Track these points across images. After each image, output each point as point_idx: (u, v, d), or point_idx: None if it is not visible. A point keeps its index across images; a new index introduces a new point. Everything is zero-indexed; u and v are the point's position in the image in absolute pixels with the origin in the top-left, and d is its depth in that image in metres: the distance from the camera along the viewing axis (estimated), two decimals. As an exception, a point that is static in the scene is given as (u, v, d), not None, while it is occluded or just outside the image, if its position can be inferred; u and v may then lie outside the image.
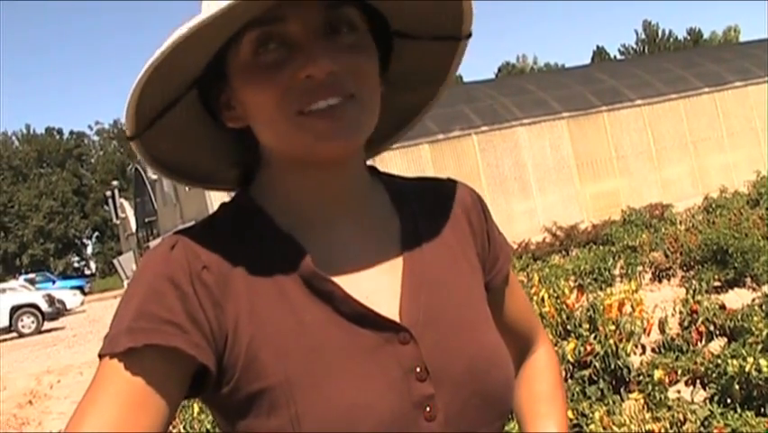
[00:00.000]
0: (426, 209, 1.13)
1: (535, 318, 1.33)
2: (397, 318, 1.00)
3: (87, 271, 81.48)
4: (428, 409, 0.97)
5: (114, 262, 48.36)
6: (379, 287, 1.02)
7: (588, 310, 5.56)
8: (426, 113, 1.21)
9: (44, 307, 25.82)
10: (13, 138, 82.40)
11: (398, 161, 19.16)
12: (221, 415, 1.00)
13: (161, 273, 0.95)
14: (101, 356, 0.94)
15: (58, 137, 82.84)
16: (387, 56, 1.09)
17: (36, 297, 27.00)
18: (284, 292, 0.98)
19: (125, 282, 40.82)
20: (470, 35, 1.09)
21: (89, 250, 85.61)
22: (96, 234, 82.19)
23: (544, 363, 1.28)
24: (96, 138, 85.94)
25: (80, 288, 43.08)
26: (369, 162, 1.15)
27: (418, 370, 0.97)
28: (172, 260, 0.96)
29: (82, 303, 34.49)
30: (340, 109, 0.97)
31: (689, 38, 75.04)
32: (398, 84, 1.13)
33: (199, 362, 0.94)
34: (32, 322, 25.47)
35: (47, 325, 25.93)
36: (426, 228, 1.10)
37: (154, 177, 33.98)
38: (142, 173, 39.11)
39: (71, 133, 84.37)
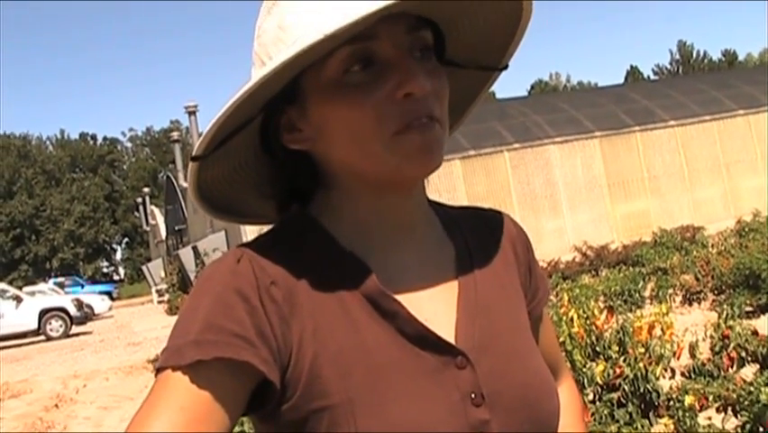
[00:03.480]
0: (476, 237, 1.13)
1: (561, 354, 1.35)
2: (453, 343, 1.00)
3: (116, 277, 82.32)
4: None
5: (143, 268, 48.76)
6: (436, 311, 1.02)
7: (617, 332, 5.49)
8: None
9: (73, 311, 26.04)
10: (48, 143, 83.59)
11: (430, 176, 19.13)
12: None
13: (229, 285, 0.93)
14: (161, 369, 0.91)
15: (91, 143, 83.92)
16: None
17: (65, 301, 27.25)
18: (347, 310, 0.97)
19: (153, 289, 41.13)
20: (506, 67, 1.09)
21: (118, 255, 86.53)
22: (126, 240, 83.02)
23: (567, 399, 1.28)
24: (128, 145, 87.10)
25: (108, 293, 43.45)
26: None
27: (473, 395, 0.97)
28: (240, 272, 0.94)
29: (110, 308, 34.85)
30: (429, 128, 0.97)
31: (723, 59, 74.63)
32: None
33: (265, 378, 0.92)
34: (61, 326, 25.67)
35: (75, 329, 26.14)
36: (477, 255, 1.10)
37: (185, 185, 34.16)
38: (174, 181, 39.37)
39: (105, 139, 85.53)
